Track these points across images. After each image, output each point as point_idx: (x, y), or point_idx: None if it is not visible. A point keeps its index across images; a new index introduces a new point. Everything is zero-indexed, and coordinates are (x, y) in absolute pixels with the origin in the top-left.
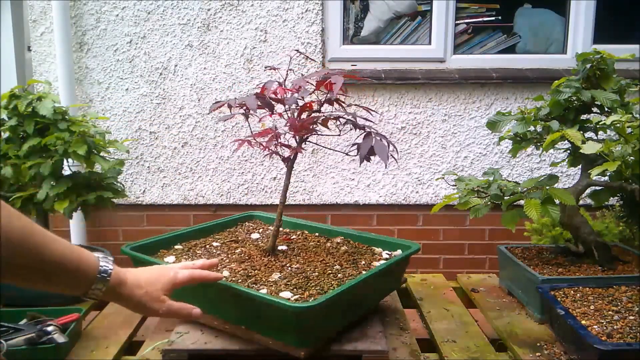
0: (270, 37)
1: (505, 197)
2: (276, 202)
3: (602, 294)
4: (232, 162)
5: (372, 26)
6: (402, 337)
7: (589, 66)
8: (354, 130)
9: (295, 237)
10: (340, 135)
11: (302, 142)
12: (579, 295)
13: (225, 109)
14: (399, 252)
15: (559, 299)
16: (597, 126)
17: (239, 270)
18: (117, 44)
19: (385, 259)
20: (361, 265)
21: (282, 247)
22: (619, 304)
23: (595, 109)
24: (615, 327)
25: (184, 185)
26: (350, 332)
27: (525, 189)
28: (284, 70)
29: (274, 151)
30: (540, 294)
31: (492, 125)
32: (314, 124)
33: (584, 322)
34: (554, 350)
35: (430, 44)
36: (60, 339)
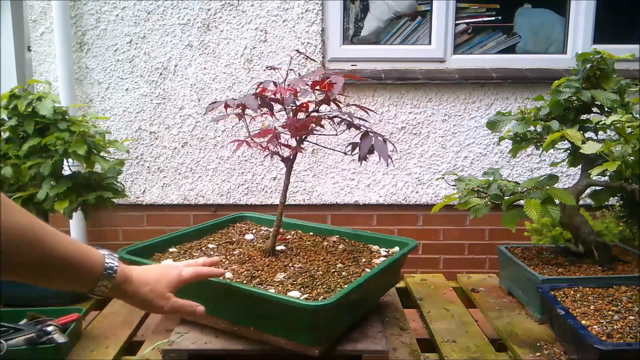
0: (270, 37)
1: (505, 197)
2: (276, 202)
3: (602, 294)
4: (232, 162)
5: (372, 26)
6: (402, 337)
7: (589, 66)
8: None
9: (290, 237)
10: (337, 135)
11: (301, 142)
12: (579, 295)
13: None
14: (396, 249)
15: (559, 299)
16: (597, 126)
17: (241, 271)
18: (117, 44)
19: (383, 256)
20: (362, 262)
21: (280, 247)
22: (619, 304)
23: (595, 109)
24: (615, 327)
25: (184, 185)
26: (350, 332)
27: (525, 189)
28: (284, 70)
29: (274, 151)
30: (540, 294)
31: (492, 125)
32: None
33: (584, 322)
34: (554, 350)
35: (430, 44)
36: (60, 339)
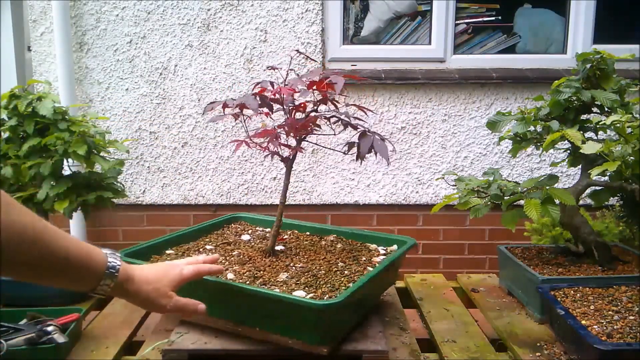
0: (270, 37)
1: (505, 197)
2: (276, 202)
3: (602, 294)
4: (232, 162)
5: (372, 26)
6: (402, 337)
7: (589, 66)
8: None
9: (287, 237)
10: (336, 135)
11: (301, 141)
12: (579, 295)
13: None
14: (394, 247)
15: (559, 299)
16: (597, 126)
17: (243, 272)
18: (117, 44)
19: (382, 254)
20: (362, 261)
21: (279, 248)
22: (619, 304)
23: (595, 109)
24: (615, 327)
25: (184, 185)
26: (350, 332)
27: (525, 189)
28: (284, 70)
29: (273, 151)
30: (540, 294)
31: (492, 125)
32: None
33: (584, 322)
34: (554, 350)
35: (430, 44)
36: (60, 339)
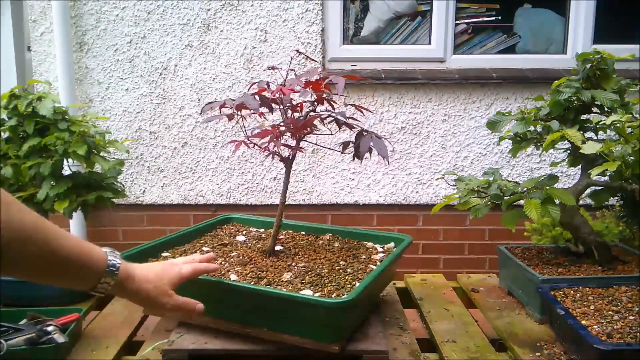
0: (270, 37)
1: (505, 197)
2: (276, 202)
3: (602, 294)
4: (232, 162)
5: (372, 26)
6: (402, 337)
7: (589, 66)
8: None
9: (283, 237)
10: (334, 135)
11: (300, 141)
12: (579, 295)
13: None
14: (391, 244)
15: (559, 299)
16: (597, 126)
17: (246, 272)
18: (117, 44)
19: (381, 252)
20: (363, 259)
21: (278, 248)
22: (619, 304)
23: (595, 109)
24: (615, 327)
25: (184, 185)
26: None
27: (525, 189)
28: (284, 70)
29: (273, 152)
30: (540, 294)
31: (492, 125)
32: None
33: (584, 322)
34: (554, 350)
35: (430, 44)
36: (60, 339)
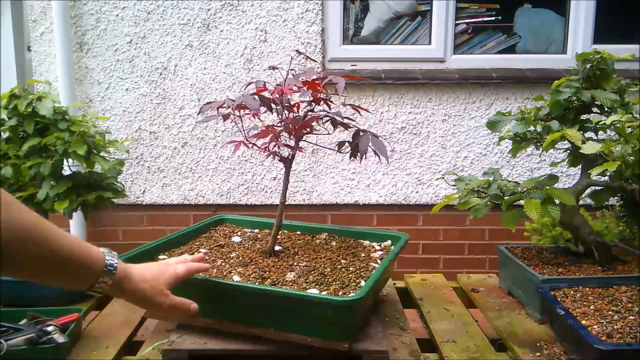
0: (270, 37)
1: (505, 197)
2: (276, 202)
3: (602, 294)
4: (232, 162)
5: (372, 26)
6: (402, 337)
7: (589, 66)
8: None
9: (279, 238)
10: (332, 134)
11: (299, 141)
12: (579, 295)
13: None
14: (388, 242)
15: (559, 299)
16: (597, 126)
17: (248, 273)
18: (117, 44)
19: (379, 250)
20: (362, 257)
21: (277, 248)
22: (619, 304)
23: (595, 109)
24: (615, 327)
25: (184, 185)
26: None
27: (525, 189)
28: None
29: (273, 152)
30: (540, 294)
31: (492, 125)
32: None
33: (584, 322)
34: (554, 350)
35: (430, 44)
36: (60, 339)
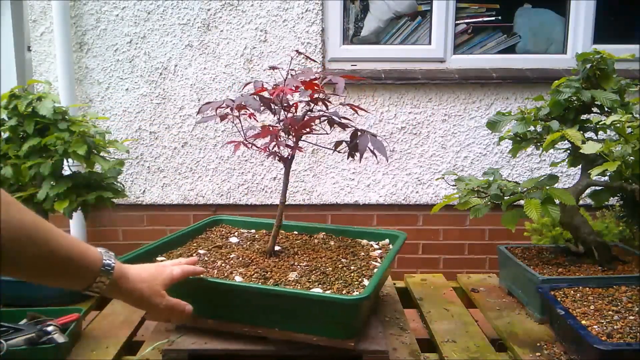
0: (270, 37)
1: (505, 197)
2: (276, 202)
3: (602, 294)
4: (232, 162)
5: (372, 26)
6: (402, 337)
7: (589, 66)
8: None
9: (277, 238)
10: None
11: (298, 141)
12: (579, 295)
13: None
14: (386, 241)
15: (559, 299)
16: (597, 126)
17: (250, 274)
18: (117, 44)
19: (377, 249)
20: (362, 256)
21: (277, 248)
22: (619, 304)
23: (595, 109)
24: (615, 327)
25: (184, 185)
26: None
27: (525, 189)
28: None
29: (273, 151)
30: (540, 294)
31: (492, 125)
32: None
33: (584, 322)
34: (554, 350)
35: (430, 44)
36: (60, 339)
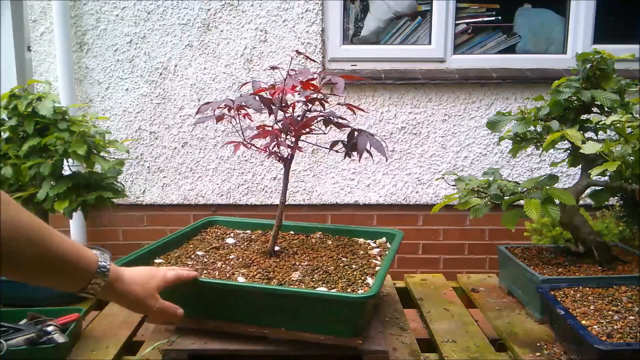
0: (270, 37)
1: (505, 197)
2: (276, 202)
3: (602, 294)
4: (232, 162)
5: (372, 26)
6: (402, 337)
7: (589, 66)
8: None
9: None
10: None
11: (298, 141)
12: (579, 295)
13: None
14: (383, 239)
15: (559, 299)
16: (597, 126)
17: (253, 274)
18: (117, 44)
19: (375, 247)
20: (361, 255)
21: (276, 248)
22: (619, 304)
23: (595, 109)
24: (615, 327)
25: (184, 185)
26: None
27: (525, 189)
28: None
29: (272, 152)
30: (540, 294)
31: (492, 125)
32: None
33: (584, 322)
34: (554, 350)
35: (430, 44)
36: (60, 339)
